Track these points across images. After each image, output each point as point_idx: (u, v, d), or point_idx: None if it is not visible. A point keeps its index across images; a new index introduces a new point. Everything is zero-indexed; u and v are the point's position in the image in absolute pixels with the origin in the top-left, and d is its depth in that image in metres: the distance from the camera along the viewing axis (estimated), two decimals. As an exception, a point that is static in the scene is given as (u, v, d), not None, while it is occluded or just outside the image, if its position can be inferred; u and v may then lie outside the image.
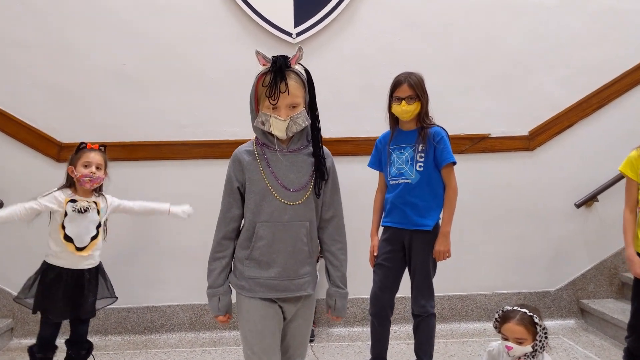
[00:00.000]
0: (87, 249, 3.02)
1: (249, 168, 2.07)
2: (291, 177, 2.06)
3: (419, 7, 4.04)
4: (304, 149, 2.11)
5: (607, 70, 4.12)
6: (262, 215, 2.04)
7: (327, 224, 2.16)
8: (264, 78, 2.02)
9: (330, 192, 2.15)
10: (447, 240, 2.87)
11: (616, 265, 4.17)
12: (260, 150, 2.10)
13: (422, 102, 2.87)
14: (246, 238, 2.08)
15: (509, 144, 4.12)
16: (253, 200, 2.06)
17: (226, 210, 2.11)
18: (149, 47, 3.94)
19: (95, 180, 3.02)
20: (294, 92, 2.00)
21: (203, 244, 4.00)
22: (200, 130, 3.99)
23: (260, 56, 2.03)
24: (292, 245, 2.06)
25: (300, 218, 2.07)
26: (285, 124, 2.01)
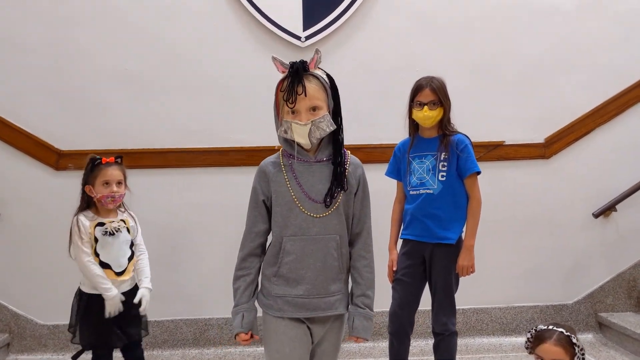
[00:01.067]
0: (127, 272, 2.82)
1: (275, 180, 1.99)
2: (319, 187, 1.98)
3: (434, 10, 3.91)
4: (332, 159, 2.01)
5: (626, 75, 4.00)
6: (289, 229, 1.96)
7: (355, 239, 2.06)
8: (283, 84, 1.95)
9: (360, 206, 2.05)
10: (471, 254, 2.73)
11: (635, 277, 4.04)
12: (287, 160, 2.02)
13: (444, 108, 2.74)
14: (273, 254, 2.00)
15: (524, 152, 3.99)
16: (280, 214, 1.98)
17: (252, 225, 2.03)
18: (155, 50, 3.79)
19: (118, 199, 2.82)
20: (312, 94, 1.92)
21: (207, 256, 3.93)
22: (208, 137, 3.85)
23: (278, 62, 1.95)
24: (322, 260, 1.97)
25: (330, 231, 1.98)
26: (306, 129, 1.92)
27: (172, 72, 3.82)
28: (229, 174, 3.87)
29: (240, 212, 3.79)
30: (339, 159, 1.98)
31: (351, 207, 2.02)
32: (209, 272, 3.86)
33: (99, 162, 2.81)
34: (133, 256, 2.86)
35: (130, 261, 2.83)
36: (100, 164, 2.81)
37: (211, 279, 3.85)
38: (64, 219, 3.68)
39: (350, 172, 2.02)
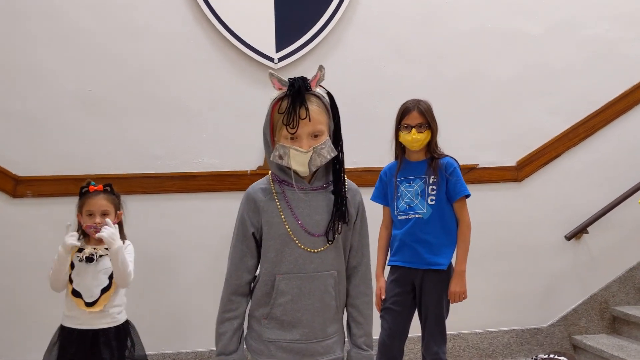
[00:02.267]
0: (99, 304, 2.61)
1: (266, 209, 1.76)
2: (316, 218, 1.77)
3: (407, 34, 3.89)
4: (329, 187, 1.81)
5: (594, 99, 4.06)
6: (284, 266, 1.74)
7: (353, 273, 1.86)
8: (280, 104, 1.71)
9: (359, 236, 1.86)
10: (464, 280, 2.66)
11: (607, 299, 4.06)
12: (279, 188, 1.79)
13: (432, 131, 2.68)
14: (264, 293, 1.77)
15: (497, 175, 3.98)
16: (273, 248, 1.75)
17: (238, 260, 1.79)
18: (119, 71, 3.62)
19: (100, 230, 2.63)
20: (316, 118, 1.69)
21: (174, 289, 3.73)
22: (174, 162, 3.69)
23: (275, 79, 1.73)
24: (320, 300, 1.76)
25: (328, 267, 1.77)
26: (307, 157, 1.70)
27: (137, 95, 3.65)
28: (197, 200, 3.71)
29: (210, 241, 3.70)
30: (341, 188, 1.78)
31: (349, 239, 1.82)
32: (177, 304, 3.67)
33: (86, 190, 2.65)
34: (110, 288, 2.66)
35: (104, 293, 2.63)
36: (88, 192, 2.64)
37: (180, 312, 3.66)
38: (23, 249, 3.47)
39: (349, 199, 1.80)
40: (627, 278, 4.07)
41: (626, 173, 4.04)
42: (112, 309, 2.66)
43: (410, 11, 3.90)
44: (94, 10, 3.59)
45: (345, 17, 3.83)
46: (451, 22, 3.94)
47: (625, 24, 4.09)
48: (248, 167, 3.74)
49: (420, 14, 3.91)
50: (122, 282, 2.66)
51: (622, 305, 4.04)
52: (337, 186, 1.78)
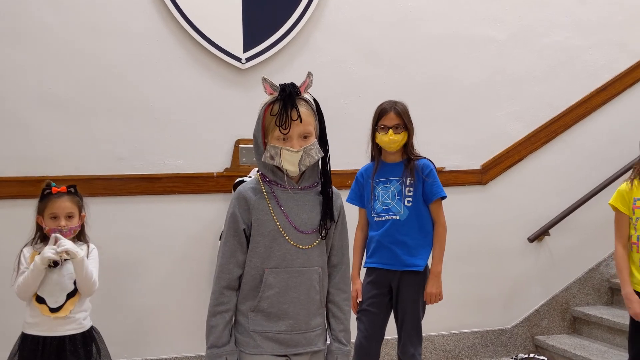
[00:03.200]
0: (64, 310, 2.51)
1: (257, 207, 1.84)
2: (303, 217, 1.86)
3: (376, 36, 3.90)
4: (315, 187, 1.92)
5: (555, 104, 4.16)
6: (272, 261, 1.83)
7: (334, 271, 1.95)
8: (271, 107, 1.82)
9: (339, 236, 1.95)
10: (440, 281, 2.67)
11: (567, 300, 4.15)
12: (269, 188, 1.88)
13: (409, 132, 2.68)
14: (252, 287, 1.84)
15: (462, 178, 4.03)
16: (262, 244, 1.83)
17: (230, 255, 1.84)
18: (82, 70, 3.49)
19: (67, 234, 2.53)
20: (306, 120, 1.82)
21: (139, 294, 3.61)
22: (139, 163, 3.58)
23: (267, 84, 1.83)
24: (306, 294, 1.85)
25: (313, 263, 1.87)
26: (298, 156, 1.81)
27: (100, 94, 3.53)
28: (163, 202, 3.62)
29: (175, 245, 3.62)
30: (328, 189, 1.89)
31: (331, 239, 1.92)
32: (142, 310, 3.56)
33: (49, 191, 2.53)
34: (76, 293, 2.55)
35: (70, 298, 2.52)
36: (50, 194, 2.52)
37: (144, 317, 3.56)
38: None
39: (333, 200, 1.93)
40: (587, 279, 4.18)
41: (586, 176, 4.15)
42: (78, 314, 2.57)
43: (379, 15, 3.91)
44: (57, 7, 3.46)
45: (313, 19, 3.81)
46: (420, 27, 3.97)
47: (585, 32, 4.20)
48: (215, 169, 3.67)
49: (389, 18, 3.93)
50: (87, 292, 2.59)
51: (582, 306, 4.14)
52: (325, 186, 1.89)
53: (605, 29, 4.23)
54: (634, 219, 2.60)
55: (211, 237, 3.62)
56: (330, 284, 1.94)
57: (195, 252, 3.63)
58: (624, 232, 2.64)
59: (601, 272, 4.20)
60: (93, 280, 2.58)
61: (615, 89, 4.23)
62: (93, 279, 2.58)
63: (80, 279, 2.53)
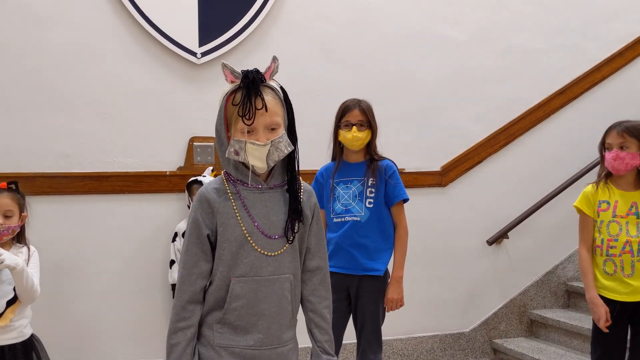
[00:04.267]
0: (4, 318, 2.33)
1: (221, 210, 1.66)
2: (273, 219, 1.68)
3: (334, 35, 3.80)
4: (286, 185, 1.73)
5: (515, 107, 4.14)
6: (239, 269, 1.64)
7: (312, 277, 1.77)
8: (233, 96, 1.63)
9: (315, 237, 1.77)
10: (401, 286, 2.59)
11: (525, 303, 4.14)
12: (234, 187, 1.69)
13: (372, 131, 2.59)
14: (218, 298, 1.66)
15: (422, 180, 3.97)
16: (228, 251, 1.65)
17: (192, 265, 1.65)
18: (22, 62, 3.28)
19: (4, 233, 2.36)
20: (272, 110, 1.63)
21: (84, 299, 3.41)
22: (85, 160, 3.40)
23: (228, 70, 1.65)
24: (276, 304, 1.66)
25: (284, 271, 1.68)
26: (265, 151, 1.62)
27: (43, 87, 3.32)
28: (112, 201, 3.44)
29: (124, 247, 3.44)
30: (296, 186, 1.71)
31: (305, 241, 1.75)
32: (86, 315, 3.38)
33: None
34: (17, 300, 2.37)
35: (10, 306, 2.35)
36: None
37: (89, 323, 3.38)
38: None
39: (304, 200, 1.74)
40: (544, 282, 4.17)
41: (544, 179, 4.15)
42: (19, 322, 2.40)
43: (338, 12, 3.82)
44: (-5, -7, 3.26)
45: (271, 15, 3.69)
46: (379, 25, 3.89)
47: (545, 35, 4.20)
48: (167, 167, 3.52)
49: (348, 16, 3.84)
50: (28, 300, 2.42)
51: (539, 309, 4.13)
52: (292, 183, 1.71)
53: (564, 33, 4.23)
54: (598, 222, 2.56)
55: (163, 239, 3.47)
56: (307, 291, 1.77)
57: (146, 254, 3.47)
58: (589, 235, 2.60)
59: (558, 275, 4.20)
60: (35, 287, 2.42)
61: (574, 92, 4.24)
62: (34, 287, 2.41)
63: (20, 289, 2.37)
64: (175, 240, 3.42)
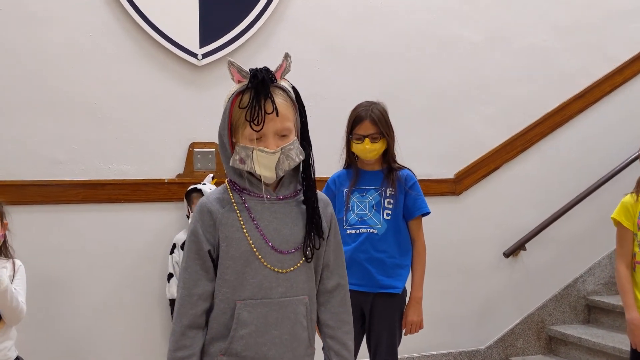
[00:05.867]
0: None
1: (225, 223, 1.47)
2: (284, 233, 1.49)
3: (343, 34, 3.61)
4: (297, 196, 1.54)
5: (531, 111, 3.95)
6: (245, 291, 1.46)
7: (330, 298, 1.57)
8: (240, 98, 1.46)
9: (334, 254, 1.58)
10: (420, 308, 2.39)
11: (543, 319, 3.93)
12: (239, 197, 1.50)
13: (388, 140, 2.39)
14: (222, 324, 1.46)
15: (435, 188, 3.76)
16: (232, 269, 1.46)
17: (192, 285, 1.47)
18: (14, 62, 3.09)
19: None
20: (284, 114, 1.46)
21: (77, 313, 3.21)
22: (79, 167, 3.20)
23: (235, 69, 1.47)
24: (289, 331, 1.47)
25: (298, 292, 1.49)
26: (274, 159, 1.45)
27: (34, 89, 3.13)
28: (107, 211, 3.25)
29: (120, 259, 3.23)
30: (312, 196, 1.52)
31: (322, 257, 1.55)
32: (78, 334, 3.17)
33: None
34: (1, 319, 2.18)
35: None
36: None
37: (81, 343, 3.18)
38: None
39: (321, 211, 1.55)
40: (563, 296, 3.96)
41: (563, 188, 3.94)
42: (3, 344, 2.22)
43: (345, 12, 3.63)
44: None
45: (276, 15, 3.50)
46: (388, 25, 3.70)
47: (562, 35, 4.00)
48: (166, 175, 3.32)
49: (356, 15, 3.65)
50: (13, 320, 2.26)
51: (558, 325, 3.92)
52: (308, 194, 1.52)
53: (582, 32, 4.03)
54: (639, 235, 2.34)
55: (161, 251, 3.27)
56: (325, 315, 1.57)
57: (143, 267, 3.27)
58: (627, 250, 2.37)
59: (578, 289, 3.99)
60: (20, 307, 2.25)
61: (594, 95, 4.04)
62: (20, 306, 2.24)
63: (4, 310, 2.19)
64: (174, 252, 3.22)
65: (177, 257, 3.19)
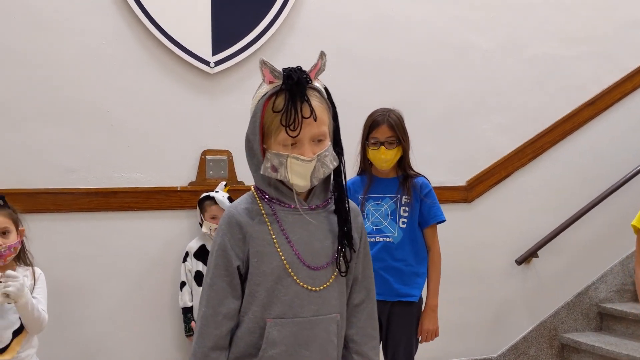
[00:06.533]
0: (10, 351, 2.15)
1: (256, 236, 1.39)
2: (316, 247, 1.41)
3: (355, 43, 3.60)
4: (328, 205, 1.46)
5: (542, 118, 3.93)
6: (275, 309, 1.38)
7: (357, 312, 1.50)
8: (273, 100, 1.37)
9: (363, 265, 1.51)
10: (436, 316, 2.38)
11: (556, 326, 3.90)
12: (269, 208, 1.42)
13: (404, 147, 2.38)
14: (249, 344, 1.39)
15: (447, 195, 3.74)
16: (263, 286, 1.38)
17: (218, 304, 1.38)
18: (26, 69, 3.09)
19: (6, 253, 2.17)
20: (320, 118, 1.38)
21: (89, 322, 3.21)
22: (91, 175, 3.20)
23: (267, 69, 1.38)
24: (320, 351, 1.40)
25: (330, 309, 1.42)
26: (310, 167, 1.36)
27: (47, 98, 3.12)
28: (120, 219, 3.24)
29: (132, 267, 3.23)
30: (345, 207, 1.44)
31: (352, 270, 1.47)
32: (92, 341, 3.16)
33: None
34: (23, 331, 2.17)
35: (17, 335, 2.15)
36: None
37: (94, 349, 3.17)
38: None
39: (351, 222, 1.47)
40: (575, 304, 3.94)
41: (574, 195, 3.92)
42: (26, 352, 2.22)
43: (359, 19, 3.63)
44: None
45: (288, 22, 3.50)
46: (401, 32, 3.70)
47: (573, 44, 3.99)
48: (178, 182, 3.31)
49: (369, 23, 3.64)
50: (36, 330, 2.26)
51: (571, 332, 3.90)
52: (341, 204, 1.44)
53: (593, 41, 4.03)
54: (659, 244, 2.33)
55: (173, 259, 3.26)
56: (353, 330, 1.49)
57: (155, 275, 3.26)
58: (647, 257, 2.36)
59: (590, 296, 3.97)
60: (42, 316, 2.25)
61: (604, 103, 4.03)
62: (42, 315, 2.25)
63: (26, 320, 2.20)
64: (186, 260, 3.21)
65: (189, 265, 3.19)
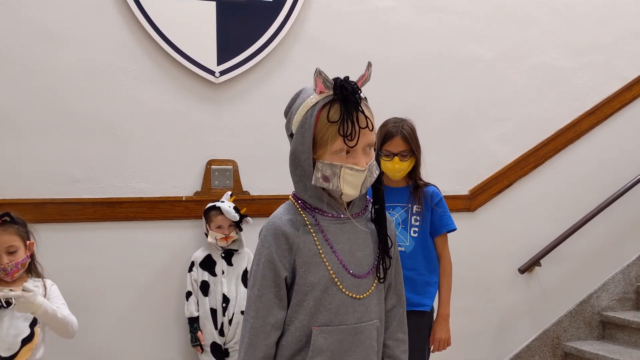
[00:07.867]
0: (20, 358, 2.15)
1: (302, 247, 1.43)
2: (358, 256, 1.45)
3: (360, 52, 3.60)
4: (365, 213, 1.51)
5: (544, 127, 3.96)
6: (321, 317, 1.42)
7: (390, 317, 1.55)
8: (328, 110, 1.41)
9: (395, 271, 1.55)
10: (448, 325, 2.39)
11: (559, 335, 3.92)
12: (312, 218, 1.44)
13: (417, 158, 2.39)
14: (295, 351, 1.42)
15: (450, 204, 3.63)
16: (312, 296, 1.42)
17: (266, 314, 1.41)
18: (32, 79, 3.09)
19: (13, 271, 2.18)
20: (375, 127, 1.46)
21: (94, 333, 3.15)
22: (97, 185, 3.19)
23: (321, 79, 1.42)
24: (363, 357, 1.44)
25: (372, 316, 1.46)
26: (362, 177, 1.40)
27: (54, 107, 3.13)
28: (125, 229, 3.23)
29: (137, 277, 3.22)
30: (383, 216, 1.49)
31: (388, 277, 1.53)
32: (97, 352, 3.15)
33: None
34: (33, 338, 2.16)
35: (26, 343, 2.14)
36: None
37: (100, 356, 3.17)
38: None
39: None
40: (578, 312, 3.96)
41: (576, 203, 3.95)
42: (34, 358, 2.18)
43: (363, 30, 3.64)
44: (1, 11, 3.06)
45: (292, 32, 3.51)
46: (404, 43, 3.72)
47: (573, 54, 4.03)
48: (184, 192, 3.31)
49: (373, 33, 3.66)
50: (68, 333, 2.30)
51: (574, 341, 3.92)
52: (381, 213, 1.48)
53: (594, 50, 4.07)
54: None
55: (179, 269, 3.25)
56: (386, 334, 1.54)
57: (161, 285, 3.25)
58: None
59: (592, 305, 3.99)
60: (70, 320, 2.29)
61: (604, 112, 4.06)
62: (69, 319, 2.28)
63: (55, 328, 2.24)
64: (192, 270, 3.21)
65: (195, 275, 3.18)
